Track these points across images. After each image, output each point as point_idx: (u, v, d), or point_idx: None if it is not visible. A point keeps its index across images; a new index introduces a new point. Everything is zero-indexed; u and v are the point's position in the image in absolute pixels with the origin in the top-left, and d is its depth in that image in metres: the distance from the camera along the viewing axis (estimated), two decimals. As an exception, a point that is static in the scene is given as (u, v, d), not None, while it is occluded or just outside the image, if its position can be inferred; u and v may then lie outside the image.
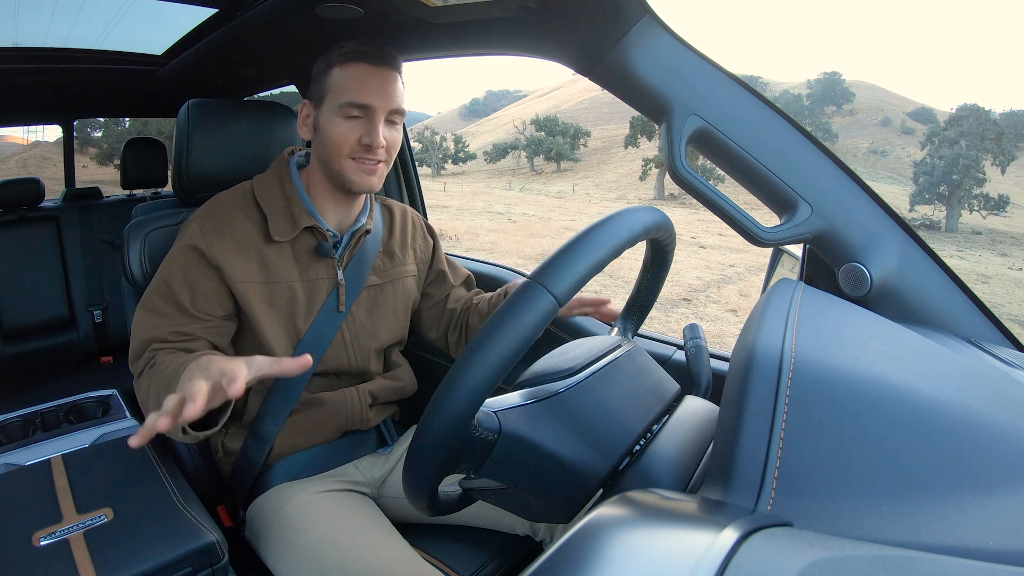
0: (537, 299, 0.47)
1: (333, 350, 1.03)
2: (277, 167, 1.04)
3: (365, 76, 0.92)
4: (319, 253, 1.01)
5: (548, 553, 0.31)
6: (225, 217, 0.97)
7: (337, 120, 0.94)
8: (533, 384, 0.59)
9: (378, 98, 0.93)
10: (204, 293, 0.94)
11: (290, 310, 0.99)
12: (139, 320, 0.94)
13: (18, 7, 1.35)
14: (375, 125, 0.93)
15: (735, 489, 0.39)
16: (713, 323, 8.40)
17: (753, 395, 0.43)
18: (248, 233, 0.97)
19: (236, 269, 0.95)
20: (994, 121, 35.87)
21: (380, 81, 0.93)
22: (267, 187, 1.01)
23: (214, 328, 0.95)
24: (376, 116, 0.93)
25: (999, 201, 30.20)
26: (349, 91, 0.92)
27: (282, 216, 0.99)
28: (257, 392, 1.00)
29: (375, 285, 1.09)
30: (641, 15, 0.74)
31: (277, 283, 0.98)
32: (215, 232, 0.95)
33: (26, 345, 2.33)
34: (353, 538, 0.91)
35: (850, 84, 65.56)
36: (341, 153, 0.95)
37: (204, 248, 0.94)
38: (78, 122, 2.69)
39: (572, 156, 47.85)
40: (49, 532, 0.80)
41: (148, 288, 0.96)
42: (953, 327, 0.73)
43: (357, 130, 0.93)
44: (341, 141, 0.94)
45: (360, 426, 1.09)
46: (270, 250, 0.98)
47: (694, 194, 0.76)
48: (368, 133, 0.93)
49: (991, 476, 0.39)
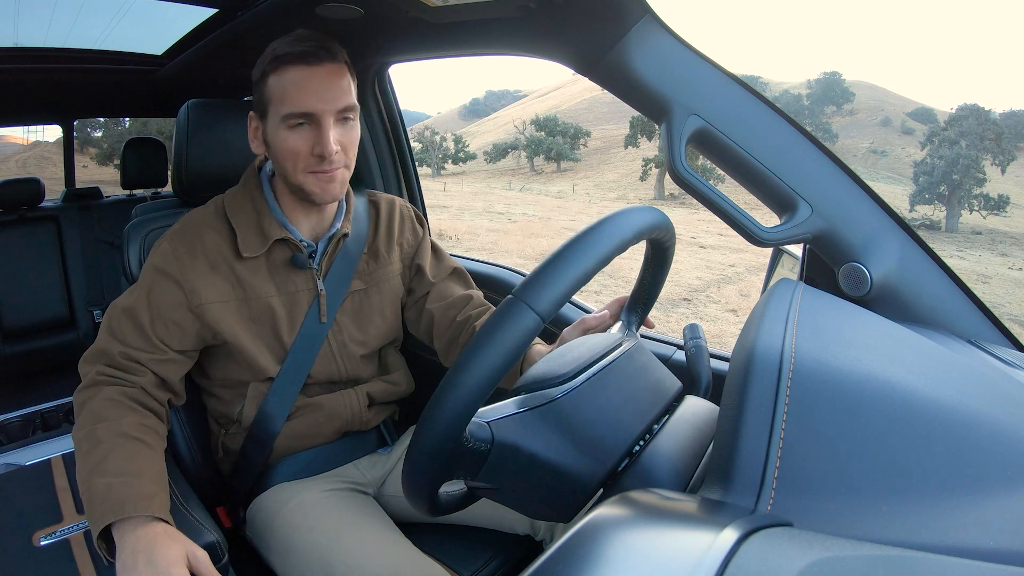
0: (520, 317, 0.47)
1: (321, 361, 1.01)
2: (247, 179, 1.01)
3: (302, 80, 0.85)
4: (295, 265, 0.98)
5: (548, 553, 0.31)
6: (196, 236, 0.94)
7: (284, 133, 0.88)
8: (529, 390, 0.58)
9: (321, 101, 0.85)
10: (165, 321, 0.91)
11: (272, 326, 0.98)
12: (101, 329, 0.93)
13: (18, 7, 1.35)
14: (324, 132, 0.86)
15: (735, 489, 0.39)
16: (713, 323, 8.40)
17: (753, 395, 0.43)
18: (219, 251, 0.94)
19: (207, 289, 0.93)
20: (994, 121, 35.88)
21: (320, 82, 0.86)
22: (237, 201, 0.98)
23: (164, 363, 0.92)
24: (323, 121, 0.86)
25: (999, 201, 30.19)
26: (289, 100, 0.86)
27: (252, 231, 0.96)
28: (253, 399, 1.00)
29: (359, 290, 1.05)
30: (641, 15, 0.74)
31: (254, 299, 0.96)
32: (188, 254, 0.93)
33: (26, 345, 2.33)
34: (357, 537, 0.91)
35: (850, 84, 65.54)
36: (296, 167, 0.89)
37: (176, 272, 0.92)
38: (78, 122, 2.69)
39: (572, 156, 47.85)
40: (50, 532, 0.80)
41: (114, 302, 0.94)
42: (953, 327, 0.73)
43: (307, 140, 0.87)
44: (293, 155, 0.88)
45: (360, 427, 1.08)
46: (243, 266, 0.95)
47: (694, 194, 0.76)
48: (319, 142, 0.87)
49: (991, 476, 0.39)
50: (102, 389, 0.87)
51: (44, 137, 27.56)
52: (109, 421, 0.83)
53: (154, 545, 0.72)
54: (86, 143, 28.98)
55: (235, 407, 1.02)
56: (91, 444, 0.81)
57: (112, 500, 0.75)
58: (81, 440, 0.83)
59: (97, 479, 0.77)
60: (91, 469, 0.79)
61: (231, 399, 1.02)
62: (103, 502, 0.75)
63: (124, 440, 0.82)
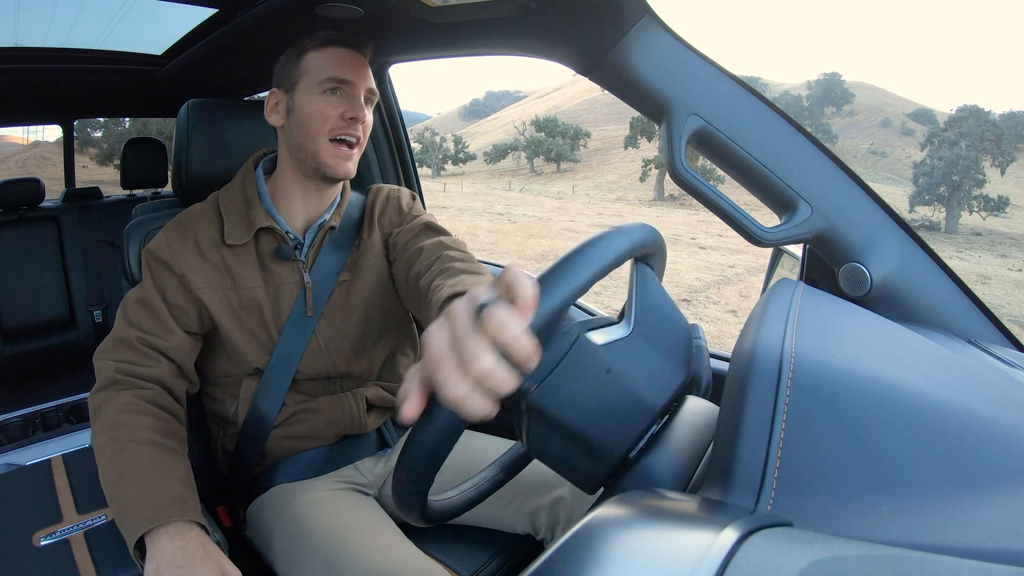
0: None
1: (308, 357, 1.00)
2: (243, 171, 1.03)
3: (343, 56, 0.94)
4: (280, 256, 0.98)
5: (549, 552, 0.31)
6: (189, 225, 0.97)
7: (316, 97, 0.93)
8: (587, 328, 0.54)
9: (357, 75, 0.94)
10: (171, 304, 0.94)
11: (259, 318, 0.98)
12: (117, 319, 0.95)
13: (18, 7, 1.35)
14: (357, 98, 0.94)
15: (735, 489, 0.39)
16: (713, 324, 8.40)
17: (753, 395, 0.43)
18: (209, 238, 0.96)
19: (197, 276, 0.94)
20: (994, 122, 35.89)
21: (358, 60, 0.95)
22: (230, 192, 1.01)
23: (178, 348, 0.93)
24: (357, 90, 0.94)
25: (999, 202, 30.20)
26: (328, 69, 0.93)
27: (239, 219, 0.97)
28: (245, 398, 1.00)
29: (345, 281, 1.04)
30: (641, 15, 0.74)
31: (241, 289, 0.97)
32: (179, 241, 0.95)
33: (26, 345, 2.33)
34: (359, 537, 0.91)
35: (850, 85, 65.55)
36: (322, 131, 0.93)
37: (167, 258, 0.94)
38: (78, 122, 2.69)
39: (572, 157, 47.87)
40: (49, 532, 0.80)
41: (128, 294, 0.96)
42: (953, 327, 0.73)
43: (339, 105, 0.93)
44: (322, 118, 0.93)
45: (359, 431, 1.07)
46: (231, 255, 0.97)
47: (694, 194, 0.76)
48: (351, 107, 0.93)
49: (991, 476, 0.39)
50: (119, 393, 0.87)
51: (44, 137, 27.57)
52: (131, 427, 0.83)
53: (191, 562, 0.73)
54: (86, 143, 28.99)
55: (228, 407, 1.02)
56: (115, 451, 0.81)
57: (146, 506, 0.75)
58: (103, 446, 0.83)
59: (127, 488, 0.77)
60: (117, 476, 0.79)
61: (223, 398, 1.03)
62: (138, 508, 0.75)
63: (149, 446, 0.82)
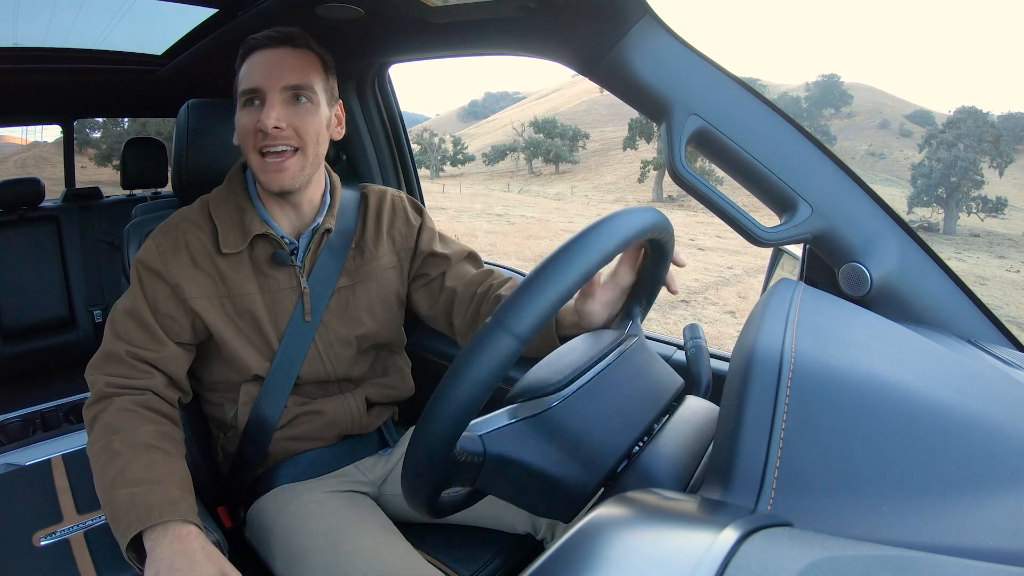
0: (497, 342, 0.47)
1: (309, 362, 1.00)
2: (231, 177, 1.01)
3: (259, 61, 0.90)
4: (276, 262, 0.97)
5: (549, 552, 0.31)
6: (180, 233, 0.95)
7: (240, 112, 0.91)
8: (523, 398, 0.58)
9: (266, 78, 0.88)
10: (162, 315, 0.92)
11: (257, 325, 0.97)
12: (106, 332, 0.93)
13: (18, 7, 1.35)
14: (265, 106, 0.88)
15: (735, 489, 0.39)
16: (712, 325, 8.40)
17: (753, 395, 0.43)
18: (202, 247, 0.95)
19: (190, 285, 0.93)
20: (992, 124, 35.93)
21: (269, 60, 0.90)
22: (221, 198, 0.98)
23: (169, 359, 0.92)
24: (268, 97, 0.88)
25: (997, 203, 30.22)
26: (243, 81, 0.91)
27: (233, 226, 0.95)
28: (244, 403, 0.99)
29: (345, 287, 1.03)
30: (641, 15, 0.74)
31: (236, 296, 0.95)
32: (171, 250, 0.93)
33: (26, 345, 2.33)
34: (357, 539, 0.91)
35: (848, 87, 65.57)
36: (247, 147, 0.91)
37: (160, 267, 0.92)
38: (77, 123, 2.69)
39: (571, 158, 47.82)
40: (49, 532, 0.80)
41: (115, 305, 0.94)
42: (953, 327, 0.73)
43: (253, 117, 0.89)
44: (244, 133, 0.90)
45: (360, 431, 1.08)
46: (225, 263, 0.95)
47: (694, 194, 0.76)
48: (261, 117, 0.87)
49: (991, 476, 0.39)
50: (113, 400, 0.86)
51: (43, 137, 27.48)
52: (125, 432, 0.82)
53: (192, 564, 0.72)
54: (85, 144, 28.94)
55: (228, 411, 1.01)
56: (108, 456, 0.80)
57: (138, 508, 0.75)
58: (97, 453, 0.82)
59: (119, 490, 0.77)
60: (112, 481, 0.78)
61: (221, 403, 1.02)
62: (128, 511, 0.75)
63: (143, 449, 0.81)
